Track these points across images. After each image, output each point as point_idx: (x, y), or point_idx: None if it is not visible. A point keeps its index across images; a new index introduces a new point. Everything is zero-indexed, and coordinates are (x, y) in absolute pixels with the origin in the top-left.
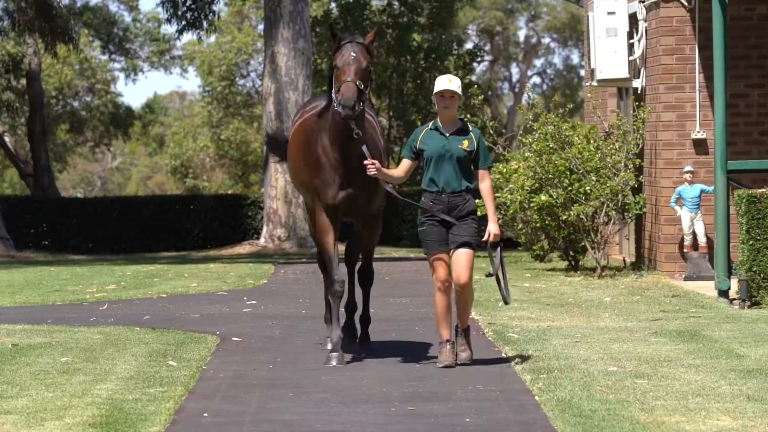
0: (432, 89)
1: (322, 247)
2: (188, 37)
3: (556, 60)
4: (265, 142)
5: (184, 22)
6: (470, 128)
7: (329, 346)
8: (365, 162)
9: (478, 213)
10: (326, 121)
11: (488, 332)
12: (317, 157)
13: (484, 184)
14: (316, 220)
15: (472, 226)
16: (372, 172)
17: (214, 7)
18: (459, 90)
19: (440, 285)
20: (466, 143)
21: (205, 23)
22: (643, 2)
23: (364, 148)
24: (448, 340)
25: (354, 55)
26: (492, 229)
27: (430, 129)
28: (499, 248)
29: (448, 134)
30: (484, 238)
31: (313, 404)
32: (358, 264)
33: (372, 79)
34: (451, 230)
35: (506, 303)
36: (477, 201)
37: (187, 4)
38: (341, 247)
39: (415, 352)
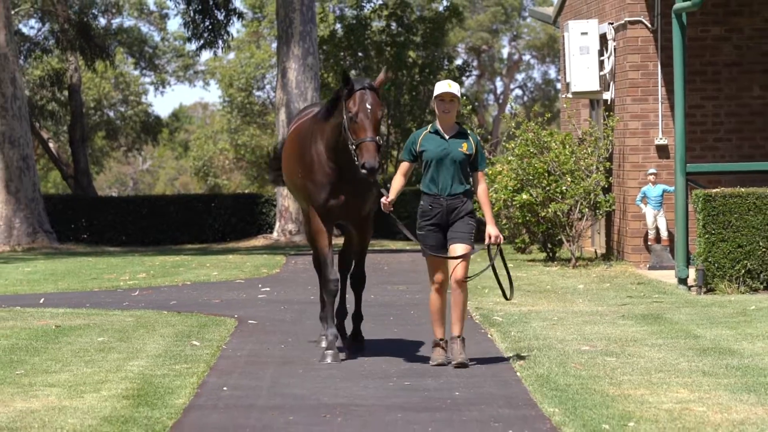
0: (426, 100)
1: (318, 249)
2: (206, 54)
3: (536, 75)
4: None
5: (202, 41)
6: (468, 132)
7: (324, 344)
8: (382, 201)
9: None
10: (321, 126)
11: (476, 316)
12: (311, 161)
13: (481, 187)
14: (310, 223)
15: (469, 224)
16: (391, 208)
17: (229, 29)
18: (458, 94)
19: (437, 286)
20: (465, 146)
21: (220, 42)
22: (612, 24)
23: (383, 191)
24: (441, 339)
25: (370, 107)
26: (491, 231)
27: (430, 132)
28: (498, 248)
29: (447, 137)
30: (486, 242)
31: (321, 380)
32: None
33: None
34: (451, 228)
35: (506, 298)
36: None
37: (205, 25)
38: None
39: (410, 334)
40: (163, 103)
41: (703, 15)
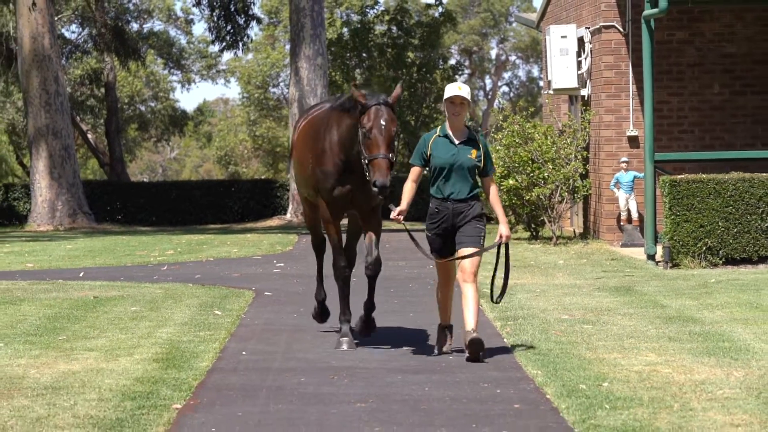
0: (423, 96)
1: (329, 239)
2: (228, 55)
3: (521, 73)
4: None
5: (225, 44)
6: (477, 137)
7: (345, 347)
8: (392, 217)
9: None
10: (337, 118)
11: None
12: (323, 150)
13: (492, 191)
14: (320, 212)
15: (477, 227)
16: (401, 219)
17: (249, 32)
18: (468, 96)
19: (443, 282)
20: (474, 153)
21: (240, 44)
22: (589, 28)
23: (391, 206)
24: (447, 326)
25: (384, 123)
26: (504, 231)
27: (439, 136)
28: (507, 248)
29: (457, 143)
30: (496, 240)
31: (329, 345)
32: (359, 257)
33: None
34: (459, 231)
35: (496, 302)
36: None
37: (228, 29)
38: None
39: (409, 305)
40: (188, 98)
41: (669, 21)
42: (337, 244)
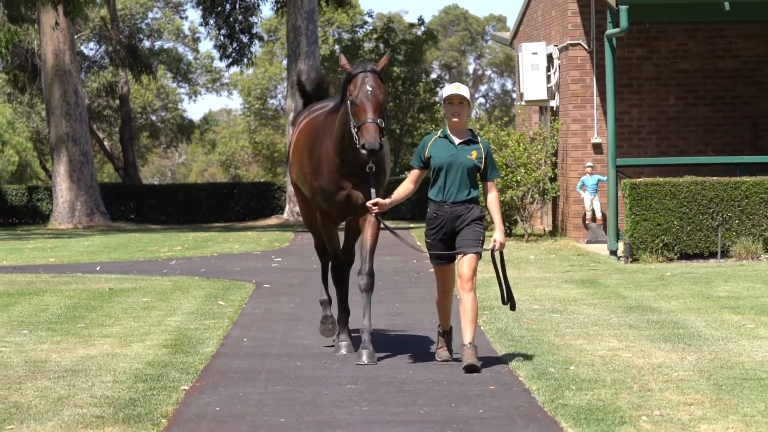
0: (408, 107)
1: (327, 245)
2: (233, 70)
3: (496, 86)
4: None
5: (230, 60)
6: (479, 139)
7: (343, 351)
8: (368, 204)
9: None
10: (331, 121)
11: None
12: (319, 158)
13: (491, 196)
14: (320, 221)
15: (476, 230)
16: (375, 211)
17: (252, 49)
18: (468, 96)
19: (442, 290)
20: (474, 154)
21: (245, 60)
22: (557, 46)
23: (373, 191)
24: (446, 332)
25: (371, 89)
26: (498, 237)
27: (439, 137)
28: (501, 255)
29: (457, 143)
30: (490, 246)
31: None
32: (353, 266)
33: (387, 108)
34: (458, 235)
35: (512, 309)
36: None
37: (233, 47)
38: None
39: (394, 296)
40: (195, 109)
41: (629, 39)
42: (335, 249)
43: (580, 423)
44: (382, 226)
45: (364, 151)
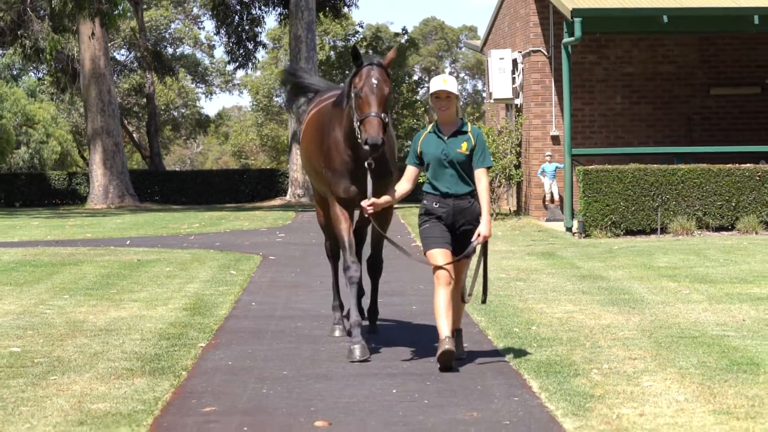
0: (392, 106)
1: (338, 236)
2: (240, 72)
3: (468, 87)
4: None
5: (237, 63)
6: (469, 128)
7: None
8: (362, 204)
9: None
10: (338, 113)
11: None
12: (329, 149)
13: (481, 185)
14: (330, 210)
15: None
16: (371, 211)
17: (256, 54)
18: (455, 90)
19: (442, 280)
20: (464, 145)
21: (250, 64)
22: (521, 52)
23: (369, 185)
24: (448, 337)
25: (376, 82)
26: (483, 231)
27: (429, 132)
28: (485, 247)
29: (446, 137)
30: (473, 239)
31: (319, 298)
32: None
33: (391, 103)
34: (460, 237)
35: (483, 302)
36: None
37: (240, 52)
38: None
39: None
40: (210, 106)
41: (582, 47)
42: (347, 242)
43: (541, 375)
44: (375, 227)
45: (366, 147)
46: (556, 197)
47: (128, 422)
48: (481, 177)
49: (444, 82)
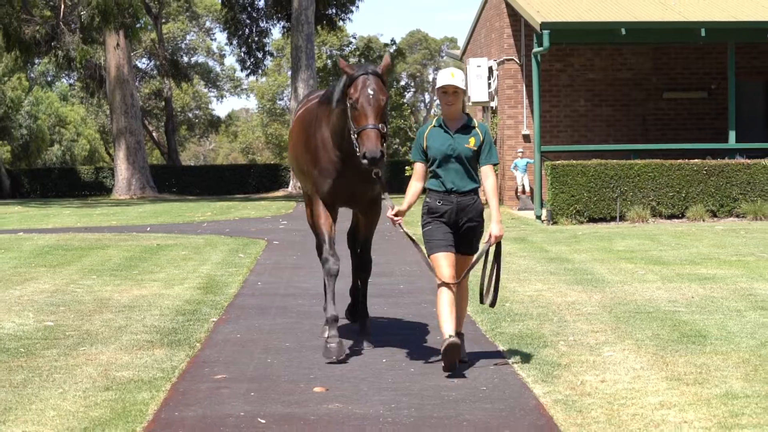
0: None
1: (319, 233)
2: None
3: None
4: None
5: (248, 71)
6: (476, 123)
7: (326, 334)
8: (388, 216)
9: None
10: (326, 112)
11: (405, 240)
12: (316, 148)
13: (489, 182)
14: (313, 208)
15: (480, 231)
16: (399, 221)
17: (265, 63)
18: (462, 85)
19: (445, 282)
20: (472, 141)
21: (259, 71)
22: (496, 60)
23: (387, 200)
24: (451, 336)
25: (372, 93)
26: (495, 231)
27: (435, 126)
28: (497, 248)
29: (453, 132)
30: (485, 240)
31: (319, 278)
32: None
33: (388, 112)
34: (463, 237)
35: (492, 305)
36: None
37: (251, 60)
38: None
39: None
40: (221, 108)
41: (550, 56)
42: (326, 238)
43: (513, 346)
44: (406, 235)
45: (365, 161)
46: (527, 189)
47: (149, 388)
48: (488, 174)
49: (452, 76)
